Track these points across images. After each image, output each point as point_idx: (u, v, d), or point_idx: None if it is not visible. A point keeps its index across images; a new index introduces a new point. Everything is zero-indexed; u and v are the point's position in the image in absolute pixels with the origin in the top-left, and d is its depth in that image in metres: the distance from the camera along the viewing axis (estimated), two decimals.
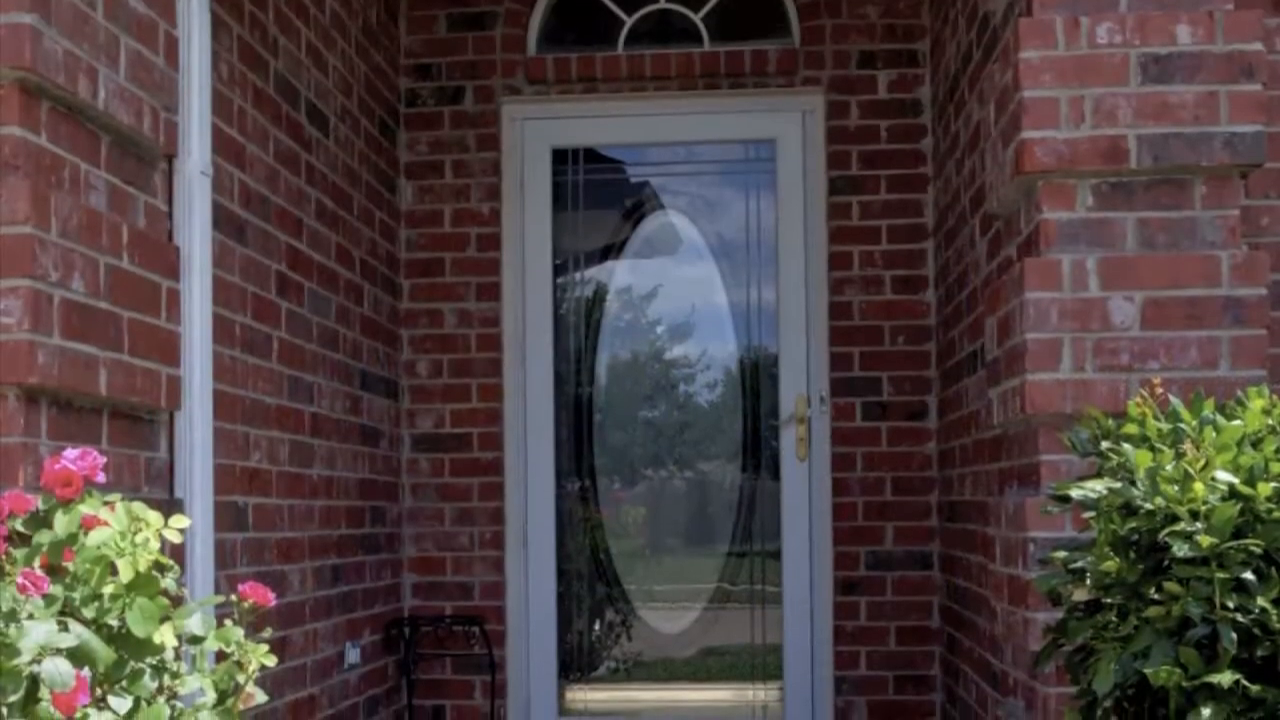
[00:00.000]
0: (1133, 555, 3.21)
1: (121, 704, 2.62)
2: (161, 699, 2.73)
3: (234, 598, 3.02)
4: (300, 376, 5.68)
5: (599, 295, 7.74)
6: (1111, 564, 3.22)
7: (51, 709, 2.45)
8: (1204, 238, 4.37)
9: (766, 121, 7.47)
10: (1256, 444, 3.26)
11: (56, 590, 2.63)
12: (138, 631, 2.66)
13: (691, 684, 7.69)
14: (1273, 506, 3.11)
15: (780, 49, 7.36)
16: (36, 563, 2.67)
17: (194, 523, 4.28)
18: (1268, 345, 4.35)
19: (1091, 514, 3.34)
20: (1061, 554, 3.44)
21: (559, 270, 7.62)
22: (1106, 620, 3.24)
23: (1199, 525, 3.09)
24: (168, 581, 2.80)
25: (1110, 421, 3.56)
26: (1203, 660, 3.04)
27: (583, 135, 7.60)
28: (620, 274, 7.80)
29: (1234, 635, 3.01)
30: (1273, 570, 3.07)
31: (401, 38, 7.44)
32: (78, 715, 2.48)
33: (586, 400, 7.66)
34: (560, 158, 7.58)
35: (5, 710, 2.45)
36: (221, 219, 4.82)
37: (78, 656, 2.54)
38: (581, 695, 7.57)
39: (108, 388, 3.77)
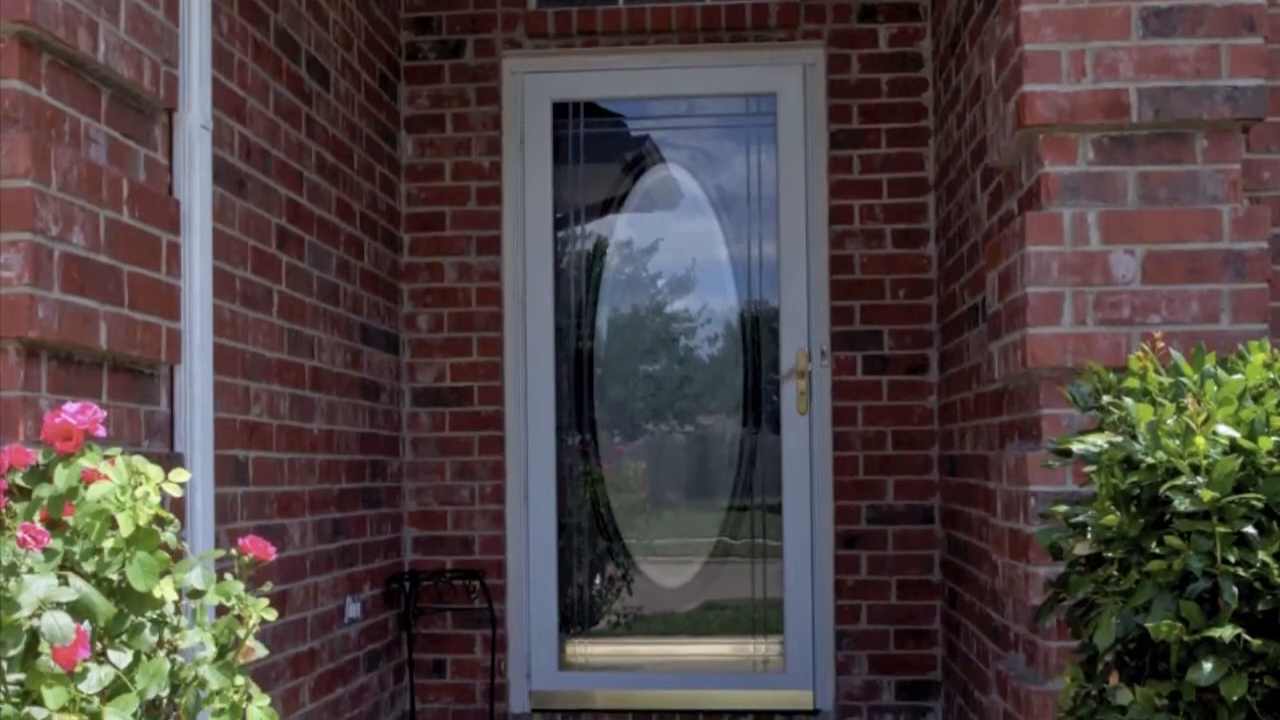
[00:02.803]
0: (1134, 509, 3.21)
1: (121, 658, 2.63)
2: (161, 653, 2.74)
3: (234, 552, 3.02)
4: (300, 330, 5.67)
5: (599, 249, 7.73)
6: (1112, 518, 3.22)
7: (51, 663, 2.46)
8: (1205, 192, 4.35)
9: (767, 75, 7.45)
10: (1258, 398, 3.26)
11: (56, 544, 2.63)
12: (138, 586, 2.67)
13: (692, 638, 7.71)
14: (1274, 461, 3.11)
15: (781, 2, 7.31)
16: (36, 517, 2.67)
17: (194, 477, 4.28)
18: (1269, 299, 4.34)
19: (1092, 468, 3.34)
20: (1062, 508, 3.43)
21: (559, 224, 7.61)
22: (1107, 574, 3.24)
23: (1200, 479, 3.08)
24: (168, 536, 2.80)
25: (1111, 375, 3.56)
26: (1204, 614, 3.04)
27: (583, 89, 7.58)
28: (621, 228, 7.78)
29: (1235, 589, 3.01)
30: (1274, 524, 3.06)
31: None
32: (77, 669, 2.49)
33: (587, 354, 7.66)
34: (561, 111, 7.56)
35: (5, 664, 2.45)
36: (222, 173, 4.81)
37: (78, 611, 2.54)
38: (582, 649, 7.59)
39: (108, 342, 3.76)
